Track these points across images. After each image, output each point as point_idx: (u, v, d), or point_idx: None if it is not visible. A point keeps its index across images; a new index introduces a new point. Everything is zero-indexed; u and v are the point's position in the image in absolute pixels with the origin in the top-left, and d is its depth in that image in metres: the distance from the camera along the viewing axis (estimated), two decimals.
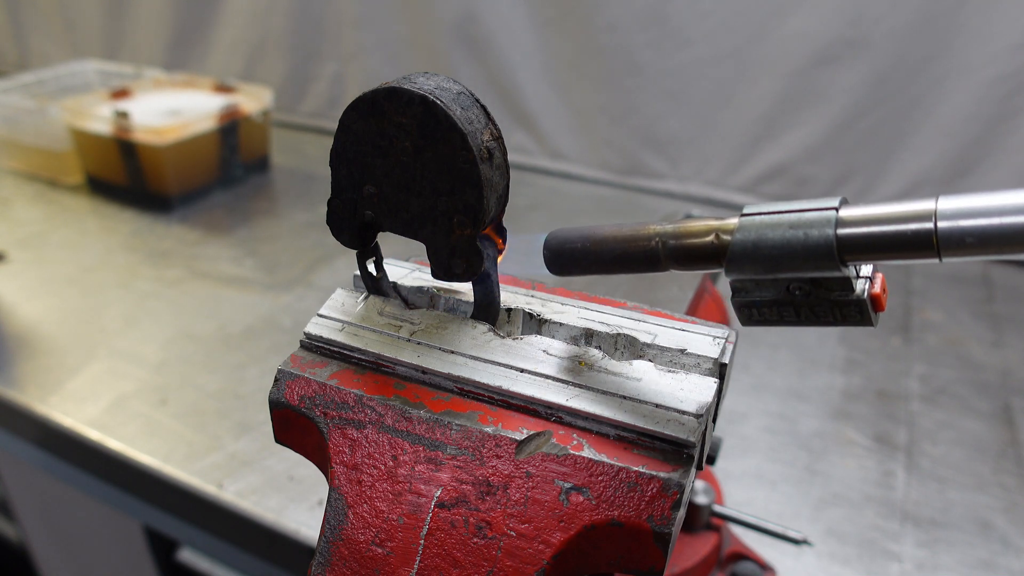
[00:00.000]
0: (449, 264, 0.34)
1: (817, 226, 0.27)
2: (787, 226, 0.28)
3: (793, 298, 0.29)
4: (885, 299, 0.29)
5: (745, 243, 0.29)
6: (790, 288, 0.29)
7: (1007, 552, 0.74)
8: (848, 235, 0.27)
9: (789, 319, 0.30)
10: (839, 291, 0.28)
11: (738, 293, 0.30)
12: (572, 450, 0.31)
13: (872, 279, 0.29)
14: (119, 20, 1.99)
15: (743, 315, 0.31)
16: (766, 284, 0.29)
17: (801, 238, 0.27)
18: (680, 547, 0.58)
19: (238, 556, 0.85)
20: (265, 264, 1.26)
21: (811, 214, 0.27)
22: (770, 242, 0.28)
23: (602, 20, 1.42)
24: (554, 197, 1.51)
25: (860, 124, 1.31)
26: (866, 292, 0.28)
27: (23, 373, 0.98)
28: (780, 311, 0.30)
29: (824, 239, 0.27)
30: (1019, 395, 0.96)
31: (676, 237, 0.31)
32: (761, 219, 0.28)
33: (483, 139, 0.32)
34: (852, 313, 0.29)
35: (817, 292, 0.29)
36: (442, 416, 0.33)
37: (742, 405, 0.93)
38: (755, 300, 0.30)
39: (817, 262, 0.27)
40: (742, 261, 0.29)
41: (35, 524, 1.26)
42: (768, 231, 0.28)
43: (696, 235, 0.30)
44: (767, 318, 0.30)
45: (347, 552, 0.32)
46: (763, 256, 0.28)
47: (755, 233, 0.28)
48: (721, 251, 0.30)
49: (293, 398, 0.35)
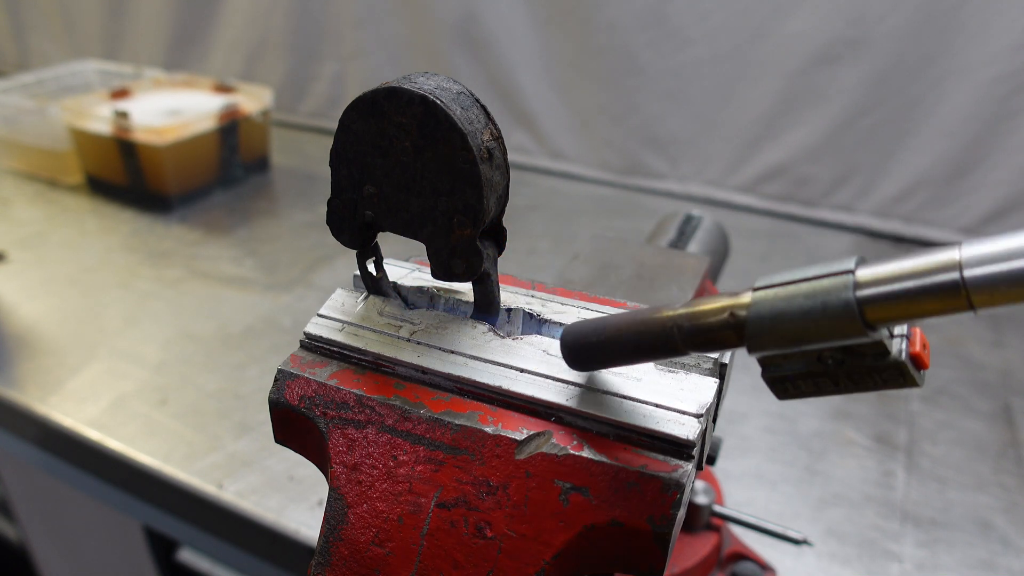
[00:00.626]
0: (449, 264, 0.34)
1: (834, 292, 0.25)
2: (802, 297, 0.26)
3: (827, 368, 0.27)
4: (927, 355, 0.27)
5: (762, 320, 0.27)
6: (821, 358, 0.27)
7: (1007, 552, 0.74)
8: (869, 296, 0.25)
9: (828, 389, 0.28)
10: (873, 356, 0.26)
11: (767, 369, 0.29)
12: (572, 450, 0.31)
13: (909, 337, 0.27)
14: (119, 20, 1.99)
15: (777, 390, 0.29)
16: (794, 357, 0.28)
17: (820, 308, 0.26)
18: (680, 547, 0.58)
19: (238, 556, 0.85)
20: (265, 264, 1.26)
21: (826, 281, 0.26)
22: (788, 316, 0.26)
23: (602, 20, 1.42)
24: (554, 197, 1.51)
25: (860, 124, 1.31)
26: (904, 352, 0.26)
27: (23, 373, 0.98)
28: (815, 383, 0.28)
29: (844, 305, 0.25)
30: (1019, 395, 0.96)
31: (691, 319, 0.29)
32: (775, 292, 0.27)
33: (483, 139, 0.32)
34: (894, 376, 0.27)
35: (851, 360, 0.27)
36: (442, 416, 0.33)
37: (742, 405, 0.93)
38: (787, 374, 0.28)
39: (842, 330, 0.25)
40: (762, 337, 0.27)
41: (35, 524, 1.26)
42: (784, 304, 0.26)
43: (710, 315, 0.29)
44: (803, 390, 0.28)
45: (347, 552, 0.32)
46: (783, 331, 0.27)
47: (770, 307, 0.27)
48: (739, 328, 0.28)
49: (293, 398, 0.35)
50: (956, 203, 1.29)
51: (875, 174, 1.34)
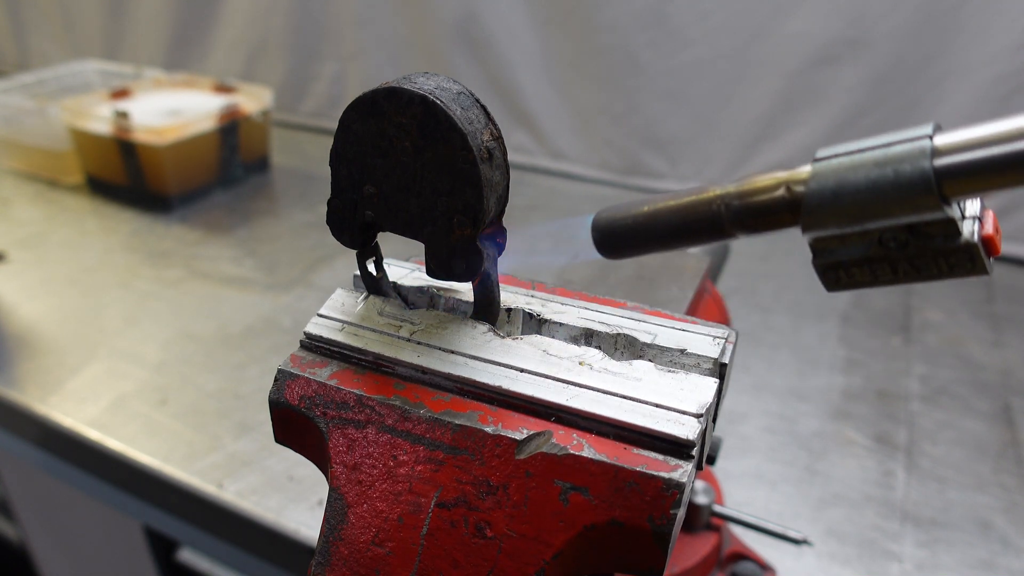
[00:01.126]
0: (449, 264, 0.34)
1: (909, 160, 0.23)
2: (872, 165, 0.23)
3: (888, 252, 0.25)
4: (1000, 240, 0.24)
5: (823, 192, 0.24)
6: (883, 240, 0.24)
7: (1007, 552, 0.74)
8: (949, 165, 0.22)
9: (885, 278, 0.25)
10: (943, 237, 0.24)
11: (820, 254, 0.26)
12: (572, 450, 0.31)
13: (981, 218, 0.24)
14: (119, 20, 1.99)
15: (828, 279, 0.26)
16: (852, 239, 0.25)
17: (891, 177, 0.23)
18: (680, 547, 0.58)
19: (238, 556, 0.85)
20: (265, 264, 1.26)
21: (900, 147, 0.23)
22: (853, 187, 0.24)
23: (602, 20, 1.42)
24: (554, 197, 1.51)
25: (860, 124, 1.31)
26: (976, 234, 0.24)
27: (23, 373, 0.98)
28: (873, 269, 0.25)
29: (920, 174, 0.22)
30: (1019, 395, 0.96)
31: (740, 197, 0.27)
32: (839, 161, 0.24)
33: (483, 139, 0.32)
34: (962, 261, 0.24)
35: (916, 241, 0.24)
36: (442, 416, 0.33)
37: (742, 405, 0.93)
38: (841, 260, 0.26)
39: (914, 203, 0.23)
40: (821, 214, 0.24)
41: (35, 524, 1.26)
42: (849, 174, 0.24)
43: (764, 191, 0.26)
44: (857, 280, 0.26)
45: (347, 552, 0.32)
46: (846, 205, 0.24)
47: (834, 179, 0.24)
48: (795, 205, 0.25)
49: (293, 398, 0.35)
50: None
51: None
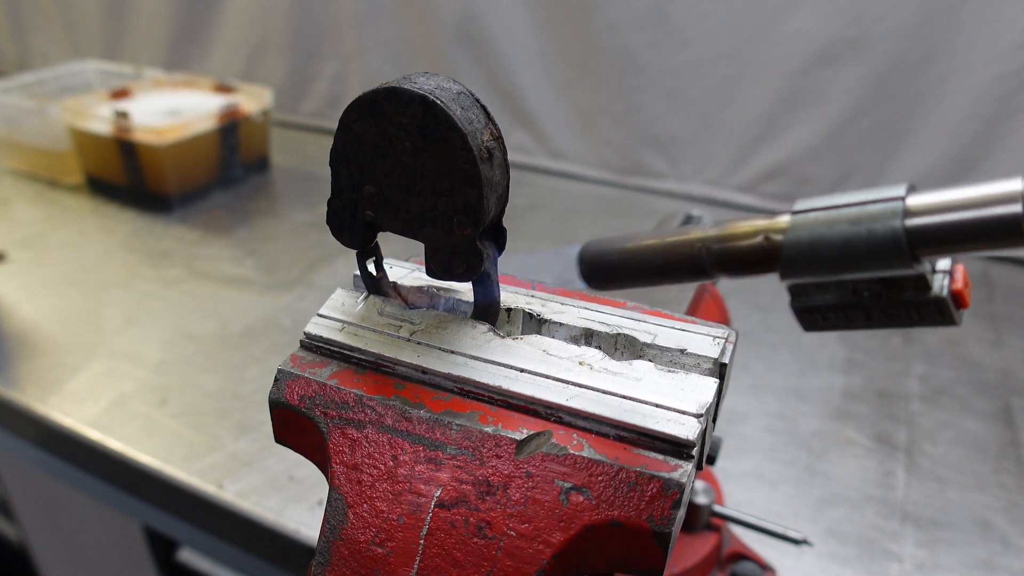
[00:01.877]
0: (449, 264, 0.34)
1: (882, 219, 0.24)
2: (847, 222, 0.25)
3: (862, 300, 0.26)
4: (969, 294, 0.25)
5: (800, 244, 0.26)
6: (857, 290, 0.26)
7: (1007, 552, 0.74)
8: (919, 227, 0.23)
9: (859, 323, 0.27)
10: (914, 290, 0.25)
11: (797, 298, 0.27)
12: (572, 450, 0.31)
13: (951, 273, 0.25)
14: (119, 20, 1.99)
15: (805, 321, 0.28)
16: (829, 287, 0.26)
17: (864, 235, 0.24)
18: (680, 547, 0.58)
19: (238, 556, 0.85)
20: (265, 264, 1.26)
21: (874, 207, 0.24)
22: (829, 242, 0.25)
23: (602, 20, 1.42)
24: (554, 197, 1.51)
25: (860, 124, 1.31)
26: (945, 289, 0.25)
27: (23, 373, 0.98)
28: (847, 315, 0.27)
29: (891, 234, 0.24)
30: (1019, 395, 0.96)
31: (721, 241, 0.28)
32: (816, 216, 0.25)
33: (483, 139, 0.32)
34: (932, 313, 0.25)
35: (888, 293, 0.25)
36: (442, 416, 0.33)
37: (742, 405, 0.93)
38: (818, 305, 0.27)
39: (885, 260, 0.24)
40: (798, 264, 0.26)
41: (35, 524, 1.26)
42: (825, 229, 0.25)
43: (743, 237, 0.28)
44: (833, 323, 0.27)
45: (347, 552, 0.32)
46: (822, 257, 0.25)
47: (810, 232, 0.25)
48: (773, 254, 0.27)
49: (293, 398, 0.35)
50: None
51: (875, 174, 1.34)
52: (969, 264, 1.26)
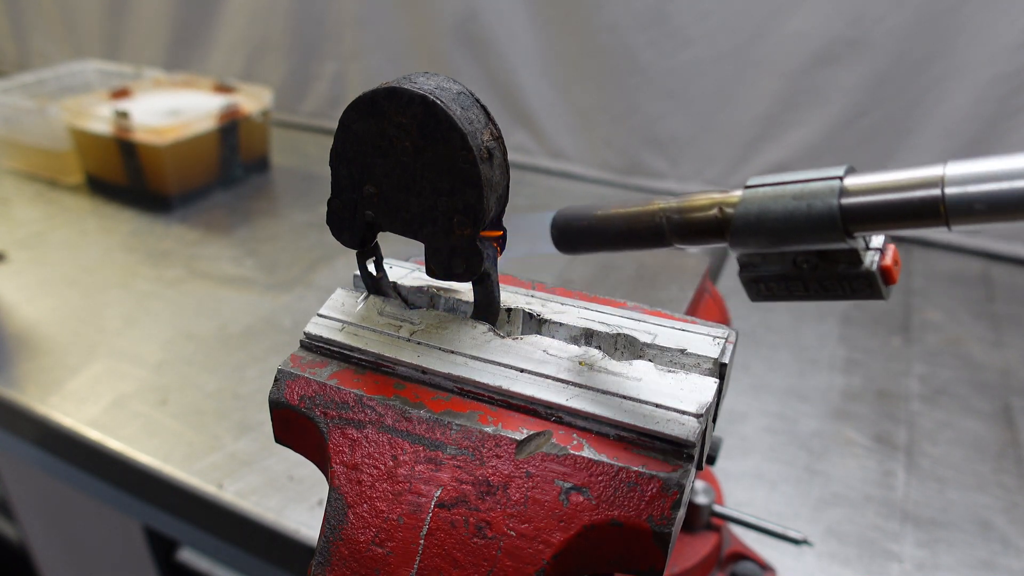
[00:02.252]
0: (449, 264, 0.34)
1: (821, 196, 0.26)
2: (790, 197, 0.27)
3: (801, 272, 0.28)
4: (897, 271, 0.28)
5: (748, 216, 0.28)
6: (797, 261, 0.28)
7: (1007, 552, 0.74)
8: (852, 205, 0.26)
9: (798, 293, 0.29)
10: (847, 263, 0.27)
11: (745, 268, 0.30)
12: (572, 450, 0.31)
13: (883, 250, 0.28)
14: (119, 20, 1.99)
15: (751, 290, 0.30)
16: (773, 258, 0.29)
17: (804, 209, 0.26)
18: (680, 547, 0.58)
19: (238, 556, 0.85)
20: (265, 264, 1.26)
21: (815, 184, 0.27)
22: (773, 214, 0.27)
23: (602, 20, 1.42)
24: (554, 197, 1.51)
25: (860, 124, 1.31)
26: (875, 264, 0.27)
27: (23, 373, 0.98)
28: (788, 285, 0.29)
29: (828, 209, 0.26)
30: (1019, 395, 0.96)
31: (680, 212, 0.30)
32: (764, 191, 0.28)
33: (483, 139, 0.32)
34: (861, 286, 0.28)
35: (825, 265, 0.28)
36: (442, 416, 0.33)
37: (742, 405, 0.93)
38: (762, 275, 0.29)
39: (822, 234, 0.26)
40: (746, 234, 0.28)
41: (35, 524, 1.26)
42: (771, 203, 0.27)
43: (700, 209, 0.30)
44: (775, 293, 0.30)
45: (347, 552, 0.32)
46: (767, 229, 0.27)
47: (758, 205, 0.28)
48: (725, 225, 0.29)
49: (293, 398, 0.35)
50: None
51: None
52: (969, 264, 1.26)
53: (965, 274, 1.24)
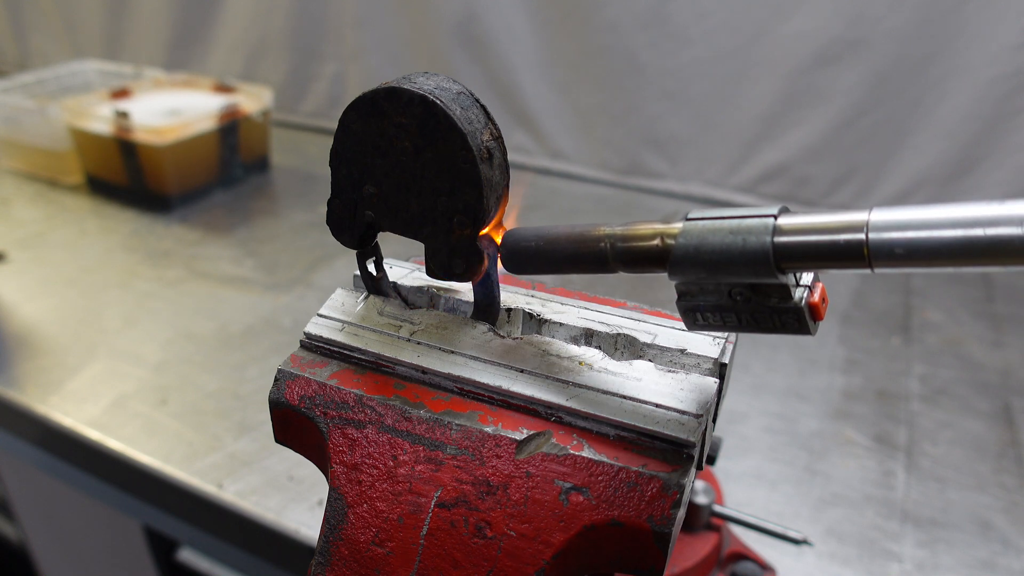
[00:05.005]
0: (449, 264, 0.34)
1: (755, 233, 0.28)
2: (727, 231, 0.28)
3: (735, 303, 0.30)
4: (824, 309, 0.29)
5: (687, 247, 0.29)
6: (732, 293, 0.29)
7: (1007, 552, 0.74)
8: (784, 243, 0.27)
9: (731, 324, 0.30)
10: (778, 298, 0.29)
11: (683, 297, 0.31)
12: (572, 450, 0.31)
13: (812, 288, 0.29)
14: (119, 20, 1.99)
15: (688, 319, 0.31)
16: (709, 288, 0.30)
17: (739, 244, 0.28)
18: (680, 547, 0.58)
19: (238, 556, 0.85)
20: (265, 264, 1.26)
21: (750, 221, 0.28)
22: (710, 247, 0.28)
23: (602, 20, 1.42)
24: (554, 197, 1.51)
25: (860, 124, 1.31)
26: (804, 300, 0.29)
27: (23, 373, 0.98)
28: (723, 316, 0.30)
29: (761, 246, 0.27)
30: (1019, 395, 0.96)
31: (624, 240, 0.31)
32: (704, 224, 0.29)
33: (483, 139, 0.32)
34: (790, 321, 0.29)
35: (757, 298, 0.29)
36: (442, 416, 0.33)
37: (742, 405, 0.93)
38: (699, 304, 0.30)
39: (755, 268, 0.28)
40: (684, 265, 0.29)
41: (35, 524, 1.26)
42: (709, 236, 0.28)
43: (642, 238, 0.31)
44: (710, 323, 0.31)
45: (347, 552, 0.32)
46: (704, 260, 0.29)
47: (697, 238, 0.29)
48: (665, 254, 0.30)
49: (293, 398, 0.35)
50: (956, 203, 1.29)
51: (875, 174, 1.34)
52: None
53: (965, 274, 1.24)
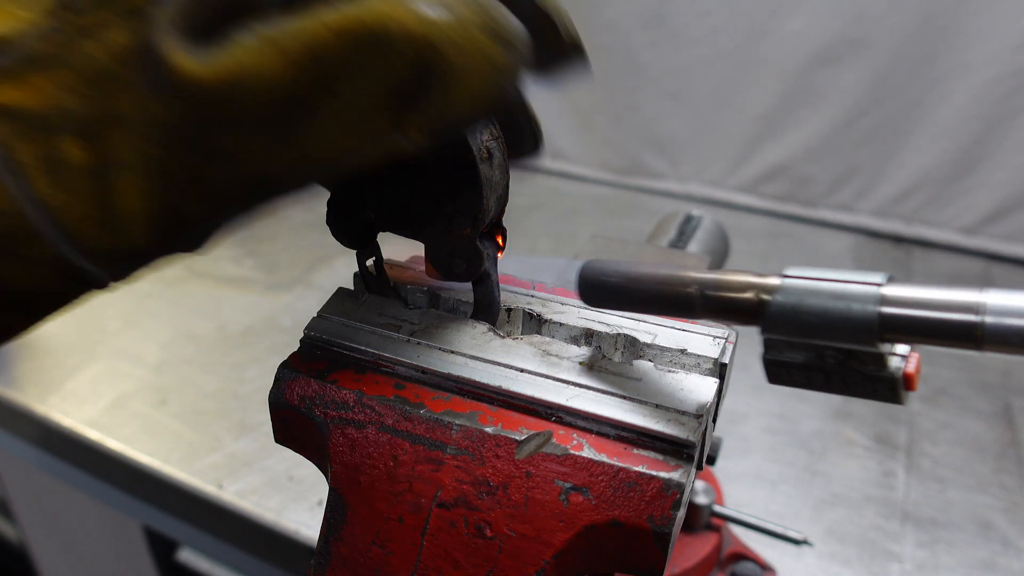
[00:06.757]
0: (449, 264, 0.34)
1: (861, 300, 0.27)
2: (829, 295, 0.28)
3: (825, 365, 0.29)
4: (917, 380, 0.29)
5: (785, 306, 0.29)
6: (824, 355, 0.29)
7: (1007, 552, 0.74)
8: (891, 314, 0.27)
9: (817, 384, 0.30)
10: (873, 366, 0.28)
11: (769, 350, 0.30)
12: (572, 450, 0.31)
13: (907, 358, 0.28)
14: None
15: (771, 373, 0.31)
16: (800, 347, 0.29)
17: (843, 310, 0.27)
18: (680, 547, 0.58)
19: (238, 556, 0.85)
20: (265, 264, 1.26)
21: (855, 287, 0.27)
22: (810, 309, 0.28)
23: (602, 20, 1.42)
24: (554, 197, 1.51)
25: (860, 124, 1.31)
26: (900, 371, 0.28)
27: (23, 373, 0.98)
28: (809, 375, 0.30)
29: (866, 315, 0.27)
30: (1019, 395, 0.96)
31: (715, 288, 0.31)
32: (804, 284, 0.28)
33: (483, 139, 0.32)
34: (883, 389, 0.29)
35: (850, 363, 0.28)
36: (442, 416, 0.33)
37: (742, 405, 0.93)
38: (785, 360, 0.30)
39: (856, 336, 0.27)
40: (780, 323, 0.29)
41: (35, 524, 1.26)
42: (810, 297, 0.28)
43: (735, 289, 0.30)
44: (795, 379, 0.30)
45: (347, 552, 0.32)
46: (802, 322, 0.28)
47: (796, 297, 0.28)
48: (760, 309, 0.30)
49: (293, 398, 0.35)
50: (956, 203, 1.29)
51: (875, 174, 1.34)
52: (969, 264, 1.26)
53: (965, 274, 1.24)
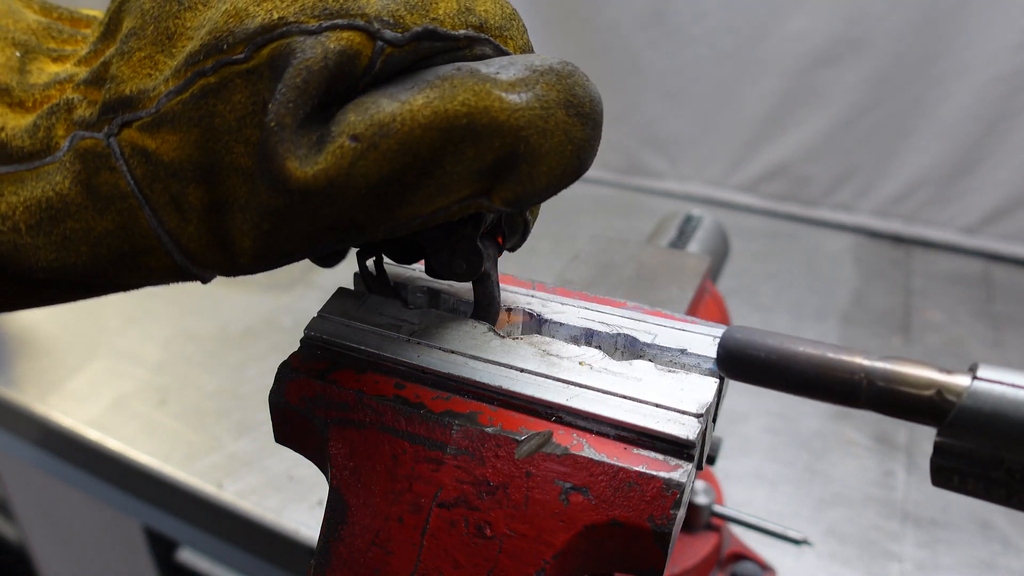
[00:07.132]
0: (449, 264, 0.34)
1: None
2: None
3: (1010, 480, 0.25)
4: None
5: (976, 412, 0.25)
6: (1011, 470, 0.25)
7: (1007, 552, 0.74)
8: None
9: (995, 497, 0.26)
10: None
11: (942, 454, 0.27)
12: (572, 450, 0.31)
13: None
14: None
15: (939, 476, 0.27)
16: (982, 456, 0.26)
17: None
18: (680, 547, 0.58)
19: (238, 556, 0.85)
20: None
21: None
22: (1009, 419, 0.24)
23: (602, 20, 1.42)
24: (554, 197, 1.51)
25: (860, 124, 1.31)
26: None
27: (23, 373, 0.98)
28: (987, 487, 0.26)
29: None
30: None
31: (887, 380, 0.27)
32: (1002, 390, 0.25)
33: None
34: None
35: None
36: (442, 416, 0.33)
37: (742, 405, 0.93)
38: (961, 468, 0.26)
39: None
40: (968, 429, 0.25)
41: (35, 524, 1.26)
42: (1008, 407, 0.25)
43: (913, 384, 0.27)
44: (969, 488, 0.27)
45: (347, 552, 0.32)
46: (996, 432, 0.25)
47: (991, 405, 0.25)
48: (940, 411, 0.26)
49: (293, 398, 0.35)
50: (956, 203, 1.29)
51: (875, 174, 1.34)
52: (969, 264, 1.26)
53: (965, 274, 1.24)
